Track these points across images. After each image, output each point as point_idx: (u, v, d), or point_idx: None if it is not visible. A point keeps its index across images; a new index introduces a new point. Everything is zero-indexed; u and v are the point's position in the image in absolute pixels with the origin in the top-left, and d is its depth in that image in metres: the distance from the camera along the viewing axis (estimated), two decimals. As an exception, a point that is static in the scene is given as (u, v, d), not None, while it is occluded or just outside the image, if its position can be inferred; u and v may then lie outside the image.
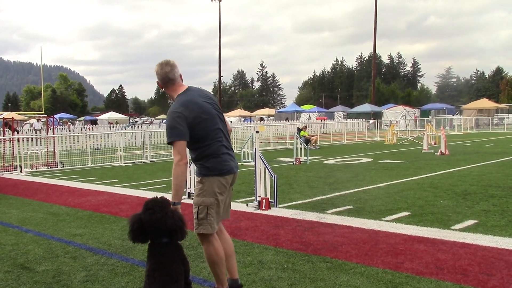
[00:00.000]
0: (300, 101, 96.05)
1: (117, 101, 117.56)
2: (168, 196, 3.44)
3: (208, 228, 3.79)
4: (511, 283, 4.17)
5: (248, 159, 15.90)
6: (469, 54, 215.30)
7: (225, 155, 3.85)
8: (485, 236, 5.71)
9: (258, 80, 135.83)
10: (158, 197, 3.29)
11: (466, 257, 4.93)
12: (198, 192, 3.84)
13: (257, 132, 8.24)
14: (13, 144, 15.89)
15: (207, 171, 3.79)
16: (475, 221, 6.51)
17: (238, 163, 12.00)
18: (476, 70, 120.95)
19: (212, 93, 4.21)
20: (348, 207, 7.74)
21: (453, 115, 47.98)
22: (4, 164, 15.61)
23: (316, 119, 49.10)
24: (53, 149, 17.09)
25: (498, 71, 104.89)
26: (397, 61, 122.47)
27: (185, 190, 8.99)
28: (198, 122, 3.70)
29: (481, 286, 4.12)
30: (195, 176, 3.97)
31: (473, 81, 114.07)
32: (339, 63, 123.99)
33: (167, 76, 3.85)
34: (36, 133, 22.79)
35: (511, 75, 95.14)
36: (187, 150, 3.78)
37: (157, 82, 3.93)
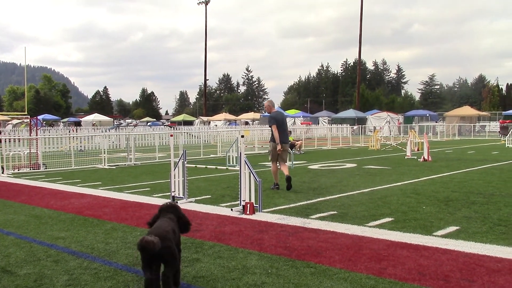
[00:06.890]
0: (285, 106, 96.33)
1: (101, 103, 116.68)
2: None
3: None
4: (492, 289, 4.23)
5: (233, 163, 15.89)
6: (452, 61, 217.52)
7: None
8: (467, 243, 5.79)
9: (243, 84, 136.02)
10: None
11: (448, 263, 4.99)
12: None
13: (242, 136, 8.24)
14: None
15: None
16: (457, 227, 6.60)
17: (223, 167, 11.92)
18: (459, 77, 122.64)
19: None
20: (332, 212, 7.78)
21: (436, 122, 48.54)
22: (-15, 165, 15.38)
23: (301, 124, 49.27)
24: (36, 151, 16.90)
25: (481, 79, 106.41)
26: (381, 68, 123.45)
27: (170, 193, 8.95)
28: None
29: (462, 292, 4.17)
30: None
31: (456, 89, 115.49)
32: (324, 68, 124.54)
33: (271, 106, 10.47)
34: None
35: (493, 83, 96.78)
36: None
37: (266, 107, 10.59)
